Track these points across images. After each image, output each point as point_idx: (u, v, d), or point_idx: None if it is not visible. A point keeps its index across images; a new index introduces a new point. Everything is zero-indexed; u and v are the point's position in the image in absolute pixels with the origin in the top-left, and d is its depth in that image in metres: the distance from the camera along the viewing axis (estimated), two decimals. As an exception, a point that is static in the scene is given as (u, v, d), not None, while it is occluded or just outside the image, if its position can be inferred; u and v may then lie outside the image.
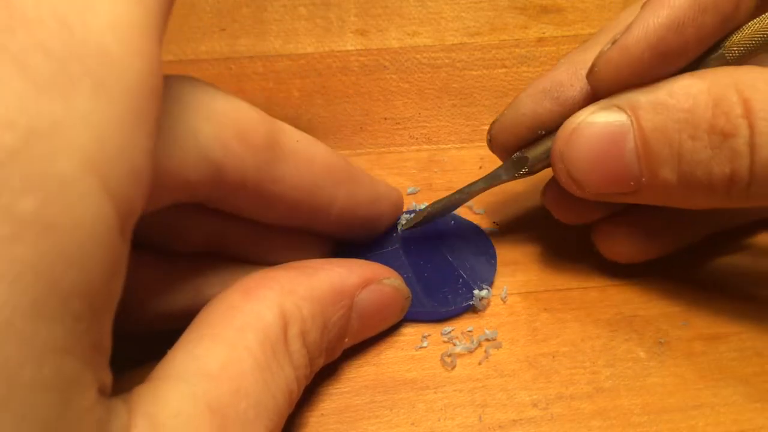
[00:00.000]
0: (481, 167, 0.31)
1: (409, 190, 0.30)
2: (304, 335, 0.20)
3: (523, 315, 0.26)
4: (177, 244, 0.23)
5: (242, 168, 0.20)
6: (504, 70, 0.35)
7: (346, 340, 0.23)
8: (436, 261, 0.27)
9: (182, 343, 0.19)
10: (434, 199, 0.30)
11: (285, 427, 0.23)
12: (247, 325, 0.19)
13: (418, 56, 0.35)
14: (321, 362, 0.22)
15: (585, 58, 0.24)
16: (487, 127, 0.33)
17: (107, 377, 0.15)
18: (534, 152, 0.25)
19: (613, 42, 0.22)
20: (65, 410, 0.12)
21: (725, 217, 0.27)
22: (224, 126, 0.19)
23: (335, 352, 0.23)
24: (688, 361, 0.25)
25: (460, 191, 0.27)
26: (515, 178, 0.26)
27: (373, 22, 0.36)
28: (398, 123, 0.33)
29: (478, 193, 0.27)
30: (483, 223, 0.29)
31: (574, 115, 0.23)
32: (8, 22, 0.12)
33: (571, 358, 0.25)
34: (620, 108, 0.22)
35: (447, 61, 0.35)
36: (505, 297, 0.27)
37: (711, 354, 0.25)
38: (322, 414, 0.23)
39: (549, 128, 0.24)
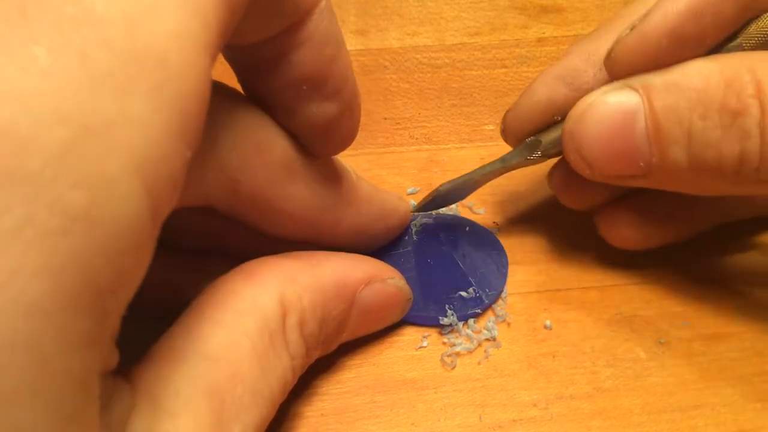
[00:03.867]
0: (481, 167, 0.31)
1: (409, 190, 0.30)
2: (303, 325, 0.20)
3: (523, 315, 0.26)
4: (180, 241, 0.23)
5: (255, 181, 0.20)
6: (504, 70, 0.35)
7: (343, 335, 0.23)
8: (446, 266, 0.27)
9: (183, 323, 0.19)
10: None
11: (285, 428, 0.23)
12: (246, 311, 0.19)
13: (418, 56, 0.35)
14: (316, 355, 0.22)
15: (598, 45, 0.24)
16: (487, 127, 0.33)
17: (114, 358, 0.15)
18: (548, 136, 0.25)
19: (632, 28, 0.22)
20: (84, 399, 0.13)
21: (730, 208, 0.27)
22: (243, 137, 0.19)
23: (331, 346, 0.23)
24: (688, 361, 0.25)
25: (471, 173, 0.26)
26: (528, 162, 0.26)
27: (372, 22, 0.36)
28: (398, 123, 0.33)
29: (489, 177, 0.27)
30: (483, 223, 0.29)
31: (586, 95, 0.23)
32: (76, 15, 0.12)
33: (571, 358, 0.25)
34: (633, 88, 0.22)
35: (447, 61, 0.35)
36: (505, 297, 0.27)
37: (711, 354, 0.25)
38: (322, 414, 0.23)
39: (564, 114, 0.24)
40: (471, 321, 0.26)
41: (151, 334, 0.18)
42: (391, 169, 0.31)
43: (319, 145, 0.22)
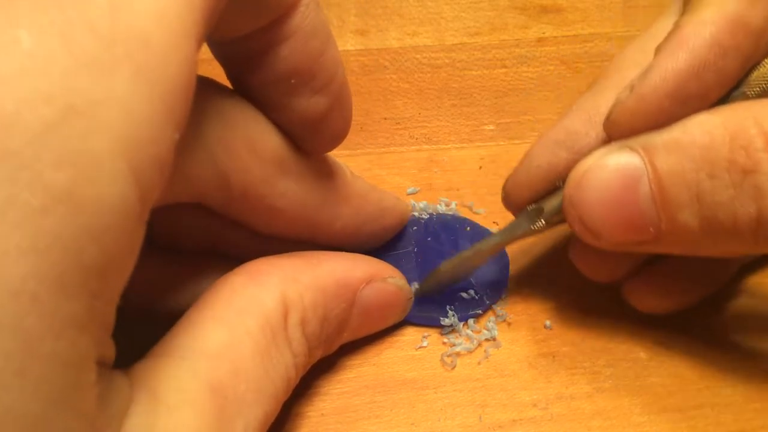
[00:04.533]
0: (481, 167, 0.31)
1: (409, 190, 0.30)
2: (304, 324, 0.20)
3: (523, 315, 0.26)
4: (177, 242, 0.23)
5: (247, 178, 0.20)
6: (504, 70, 0.35)
7: (345, 334, 0.23)
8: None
9: (184, 322, 0.19)
10: (434, 199, 0.30)
11: (286, 427, 0.23)
12: (248, 309, 0.19)
13: (418, 56, 0.35)
14: (318, 354, 0.22)
15: (597, 104, 0.23)
16: (487, 127, 0.33)
17: (111, 350, 0.15)
18: (550, 203, 0.23)
19: (631, 89, 0.20)
20: (75, 384, 0.13)
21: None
22: (234, 133, 0.19)
23: (333, 346, 0.23)
24: (688, 361, 0.25)
25: (472, 248, 0.25)
26: (532, 232, 0.24)
27: (373, 22, 0.36)
28: (398, 123, 0.33)
29: (494, 251, 0.25)
30: (483, 222, 0.29)
31: (585, 158, 0.21)
32: None
33: (571, 358, 0.25)
34: (633, 149, 0.20)
35: (447, 61, 0.35)
36: (505, 297, 0.27)
37: (711, 354, 0.25)
38: (323, 414, 0.23)
39: (565, 179, 0.22)
40: (471, 321, 0.26)
41: (152, 335, 0.18)
42: (391, 169, 0.31)
43: (310, 141, 0.21)
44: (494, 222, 0.30)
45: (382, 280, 0.24)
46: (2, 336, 0.11)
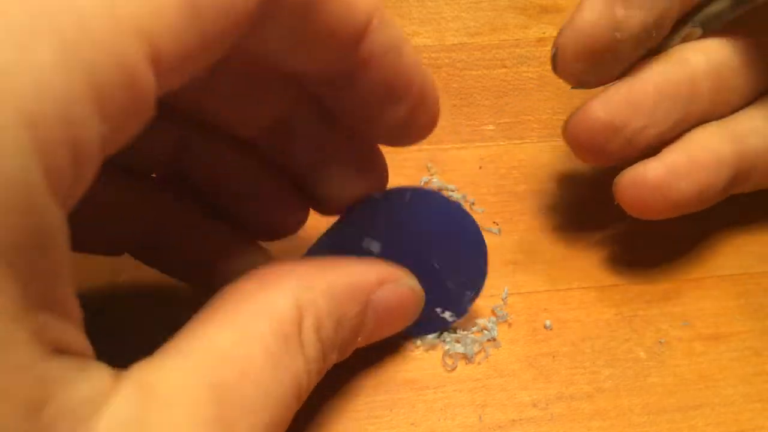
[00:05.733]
0: (481, 167, 0.31)
1: (409, 190, 0.30)
2: (319, 328, 0.20)
3: (523, 315, 0.26)
4: (138, 161, 0.23)
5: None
6: (504, 70, 0.35)
7: (359, 339, 0.23)
8: (422, 273, 0.24)
9: (189, 325, 0.18)
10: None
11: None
12: (259, 313, 0.19)
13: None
14: (333, 359, 0.22)
15: None
16: (487, 127, 0.33)
17: (72, 338, 0.14)
18: None
19: None
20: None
21: None
22: None
23: (347, 351, 0.23)
24: (688, 361, 0.25)
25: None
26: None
27: (373, 22, 0.36)
28: (398, 123, 0.33)
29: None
30: (483, 222, 0.29)
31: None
32: None
33: (571, 358, 0.25)
34: None
35: (447, 61, 0.35)
36: (505, 297, 0.27)
37: (711, 354, 0.25)
38: (322, 414, 0.23)
39: None
40: (470, 327, 0.26)
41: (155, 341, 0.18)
42: (391, 169, 0.31)
43: (397, 140, 0.22)
44: (494, 222, 0.30)
45: (394, 281, 0.23)
46: None
